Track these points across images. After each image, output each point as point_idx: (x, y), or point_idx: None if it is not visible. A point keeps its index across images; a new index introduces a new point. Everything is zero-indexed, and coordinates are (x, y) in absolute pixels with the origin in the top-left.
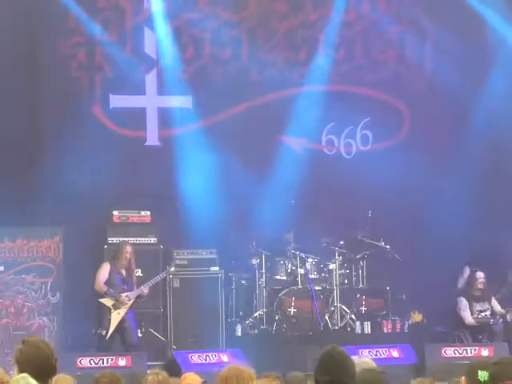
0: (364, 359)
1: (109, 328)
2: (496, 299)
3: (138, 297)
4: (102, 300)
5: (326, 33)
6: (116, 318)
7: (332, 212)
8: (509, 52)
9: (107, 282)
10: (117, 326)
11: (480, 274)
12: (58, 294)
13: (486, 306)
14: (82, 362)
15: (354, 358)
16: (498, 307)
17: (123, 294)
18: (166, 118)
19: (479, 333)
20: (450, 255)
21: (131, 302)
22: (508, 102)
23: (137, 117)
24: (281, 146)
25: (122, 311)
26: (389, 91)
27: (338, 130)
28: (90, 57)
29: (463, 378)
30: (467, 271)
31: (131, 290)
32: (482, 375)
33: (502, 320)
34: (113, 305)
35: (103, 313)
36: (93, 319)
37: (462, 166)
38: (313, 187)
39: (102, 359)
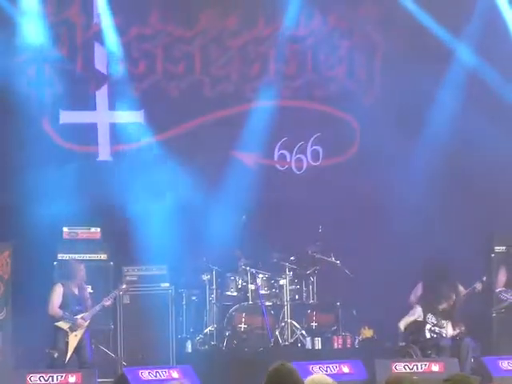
0: (320, 376)
1: (67, 351)
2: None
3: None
4: (58, 324)
5: (278, 48)
6: (73, 340)
7: (283, 227)
8: (458, 66)
9: (62, 305)
10: (74, 348)
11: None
12: (5, 309)
13: (443, 323)
14: (31, 378)
15: (311, 377)
16: (451, 331)
17: (79, 317)
18: (117, 133)
19: (428, 348)
20: (400, 271)
21: (87, 323)
22: (458, 113)
23: (88, 132)
24: (233, 161)
25: (79, 333)
26: (339, 106)
27: (289, 145)
28: (39, 72)
29: None
30: (419, 287)
31: (84, 308)
32: None
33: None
34: (69, 327)
35: (58, 335)
36: (43, 336)
37: (412, 180)
38: (264, 203)
39: (52, 376)
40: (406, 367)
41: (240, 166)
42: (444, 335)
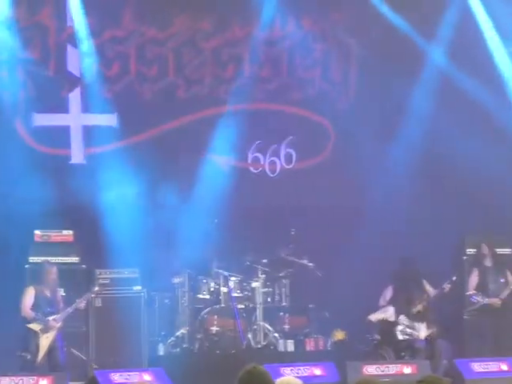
0: (289, 378)
1: (38, 353)
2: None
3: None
4: (29, 325)
5: (252, 51)
6: (45, 342)
7: (255, 230)
8: (431, 67)
9: (33, 307)
10: (46, 350)
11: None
12: None
13: (415, 325)
14: (1, 382)
15: (280, 379)
16: (424, 332)
17: (51, 318)
18: (91, 136)
19: (402, 350)
20: (373, 273)
21: (59, 324)
22: (432, 115)
23: (61, 135)
24: (207, 164)
25: (51, 335)
26: (314, 109)
27: (263, 147)
28: (12, 75)
29: None
30: (390, 290)
31: (57, 310)
32: None
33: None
34: (41, 329)
35: (30, 336)
36: (16, 339)
37: (384, 183)
38: (237, 205)
39: (23, 379)
40: (378, 369)
41: (214, 169)
42: (416, 337)
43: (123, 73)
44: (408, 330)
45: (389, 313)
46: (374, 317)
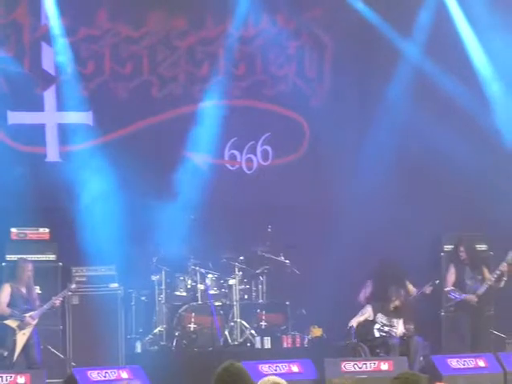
0: (273, 377)
1: (15, 349)
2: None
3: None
4: (6, 322)
5: (226, 48)
6: (21, 338)
7: (232, 227)
8: (406, 64)
9: (10, 304)
10: (22, 346)
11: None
12: None
13: (393, 322)
14: None
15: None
16: (401, 330)
17: (27, 315)
18: (66, 134)
19: (377, 347)
20: (350, 270)
21: (35, 321)
22: (407, 112)
23: (36, 133)
24: (183, 161)
25: (27, 331)
26: (288, 106)
27: (240, 145)
28: None
29: None
30: (370, 285)
31: (33, 307)
32: None
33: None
34: (17, 325)
35: (7, 333)
36: None
37: (362, 179)
38: (214, 202)
39: (1, 377)
40: (355, 366)
41: (190, 166)
42: (394, 334)
43: (98, 71)
44: (385, 328)
45: (367, 313)
46: (355, 321)
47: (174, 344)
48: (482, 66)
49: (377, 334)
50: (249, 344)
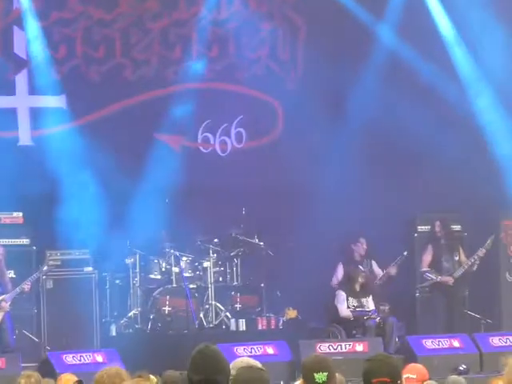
0: (246, 359)
1: None
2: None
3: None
4: None
5: (199, 31)
6: None
7: (206, 210)
8: (379, 46)
9: None
10: None
11: (360, 269)
12: None
13: (363, 301)
14: None
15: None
16: (372, 305)
17: (0, 298)
18: (38, 117)
19: (353, 328)
20: (324, 252)
21: (8, 305)
22: (381, 95)
23: (8, 117)
24: (157, 144)
25: (0, 315)
26: (262, 88)
27: (213, 127)
28: None
29: (300, 380)
30: (341, 268)
31: (5, 291)
32: (320, 377)
33: (377, 315)
34: None
35: None
36: None
37: (335, 162)
38: (188, 185)
39: None
40: (331, 347)
41: (164, 149)
42: (368, 310)
43: (70, 55)
44: (358, 309)
45: (343, 298)
46: (345, 310)
47: (149, 327)
48: (455, 47)
49: (351, 316)
50: (224, 326)
